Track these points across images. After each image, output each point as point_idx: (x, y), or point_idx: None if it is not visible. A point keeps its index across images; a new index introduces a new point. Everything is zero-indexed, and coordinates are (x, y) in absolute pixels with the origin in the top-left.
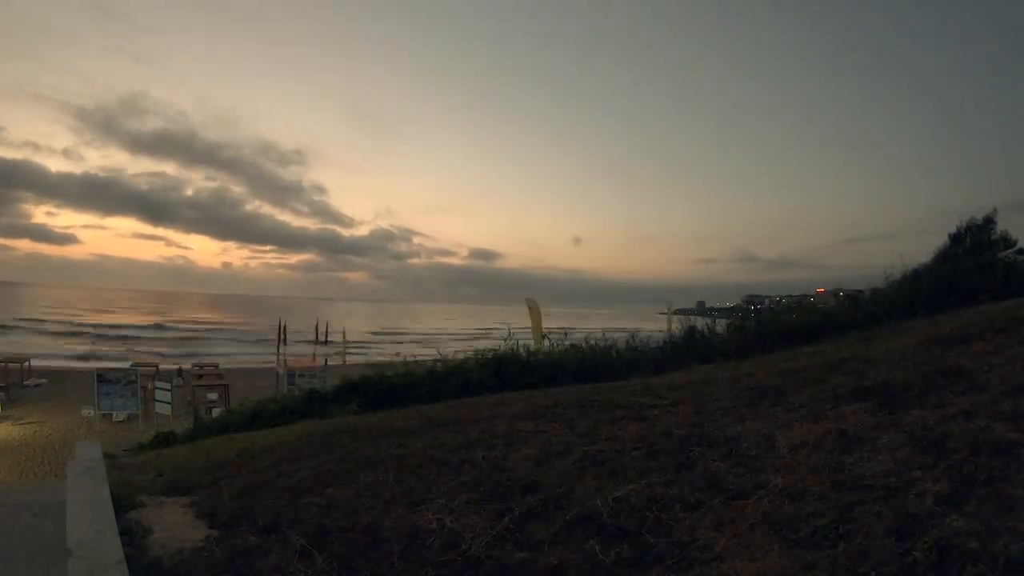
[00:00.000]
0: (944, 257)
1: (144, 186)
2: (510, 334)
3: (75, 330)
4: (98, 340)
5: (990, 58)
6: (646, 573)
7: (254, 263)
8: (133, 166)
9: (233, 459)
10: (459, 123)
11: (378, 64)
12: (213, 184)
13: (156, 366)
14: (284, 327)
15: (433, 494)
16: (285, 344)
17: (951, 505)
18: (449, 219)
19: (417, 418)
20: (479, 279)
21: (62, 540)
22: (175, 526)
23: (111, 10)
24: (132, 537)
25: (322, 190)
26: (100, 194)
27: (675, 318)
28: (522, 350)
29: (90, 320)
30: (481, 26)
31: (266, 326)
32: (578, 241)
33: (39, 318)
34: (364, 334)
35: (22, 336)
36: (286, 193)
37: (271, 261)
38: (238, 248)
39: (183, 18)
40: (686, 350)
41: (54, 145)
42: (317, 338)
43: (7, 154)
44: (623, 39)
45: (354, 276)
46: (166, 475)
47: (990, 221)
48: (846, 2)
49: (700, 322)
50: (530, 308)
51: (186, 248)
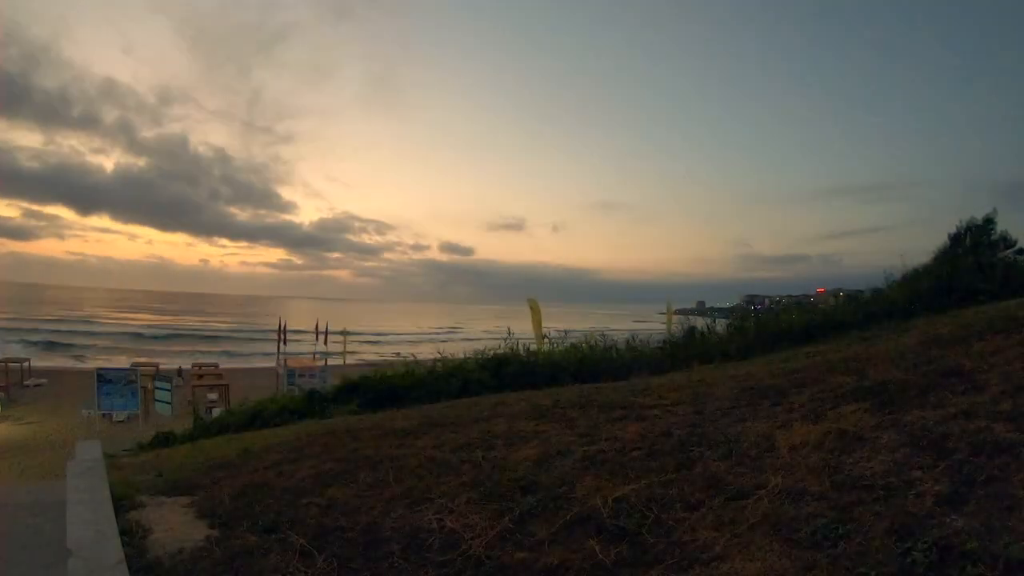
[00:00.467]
0: (944, 257)
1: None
2: (510, 334)
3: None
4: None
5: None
6: (646, 573)
7: (218, 258)
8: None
9: (233, 459)
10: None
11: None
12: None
13: (156, 366)
14: (284, 327)
15: (433, 494)
16: (286, 344)
17: (951, 505)
18: (413, 205)
19: (417, 418)
20: (471, 277)
21: (62, 540)
22: (175, 526)
23: None
24: (132, 537)
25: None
26: None
27: (675, 318)
28: (522, 350)
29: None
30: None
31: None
32: (556, 228)
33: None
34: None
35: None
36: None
37: (231, 255)
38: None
39: None
40: (686, 350)
41: None
42: (318, 338)
43: None
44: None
45: (339, 274)
46: (166, 475)
47: (990, 221)
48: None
49: (700, 322)
50: (531, 308)
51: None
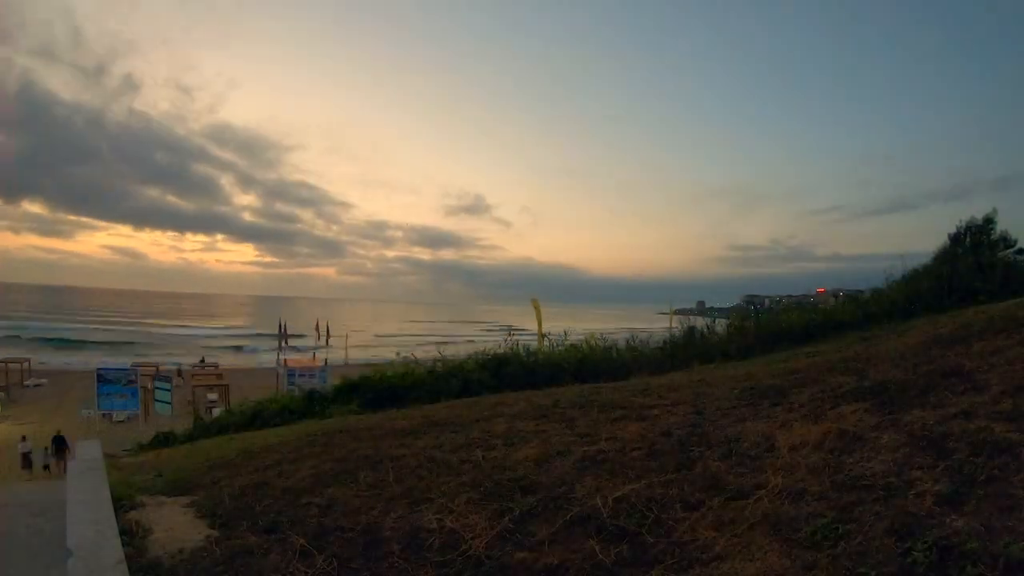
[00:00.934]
0: (944, 257)
1: None
2: (510, 334)
3: None
4: None
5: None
6: (646, 573)
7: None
8: None
9: (233, 459)
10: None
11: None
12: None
13: (156, 366)
14: (284, 327)
15: (433, 494)
16: (286, 344)
17: (951, 505)
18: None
19: (417, 418)
20: (462, 274)
21: (62, 540)
22: (175, 526)
23: None
24: (132, 537)
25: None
26: None
27: (675, 318)
28: (522, 350)
29: None
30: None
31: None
32: (525, 210)
33: None
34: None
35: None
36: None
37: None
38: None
39: None
40: (686, 350)
41: None
42: (318, 338)
43: None
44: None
45: (325, 272)
46: (166, 475)
47: (990, 221)
48: None
49: (700, 322)
50: (536, 308)
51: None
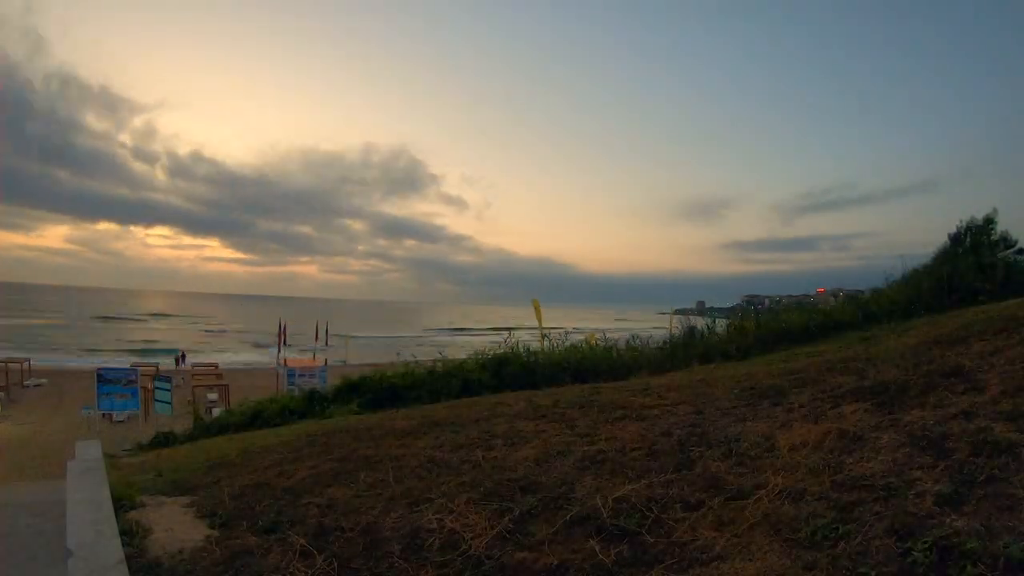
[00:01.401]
0: (944, 257)
1: None
2: (510, 334)
3: None
4: None
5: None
6: (646, 573)
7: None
8: None
9: (233, 459)
10: None
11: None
12: None
13: (156, 366)
14: (284, 328)
15: (433, 494)
16: (286, 345)
17: (951, 505)
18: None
19: (417, 418)
20: (454, 272)
21: (62, 540)
22: (175, 526)
23: None
24: (132, 537)
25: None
26: None
27: (674, 318)
28: (522, 350)
29: None
30: None
31: None
32: (469, 181)
33: None
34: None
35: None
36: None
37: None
38: None
39: None
40: (686, 350)
41: None
42: (317, 338)
43: None
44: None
45: (307, 270)
46: (166, 475)
47: (990, 221)
48: None
49: (700, 322)
50: (536, 308)
51: None
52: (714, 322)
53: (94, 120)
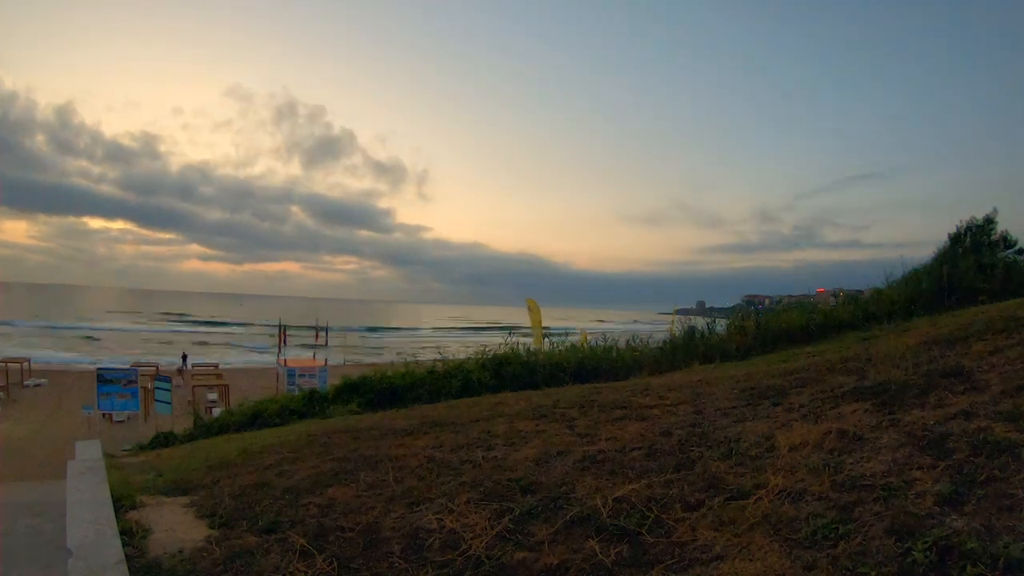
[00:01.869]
0: (944, 257)
1: None
2: (511, 334)
3: None
4: None
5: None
6: (646, 573)
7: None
8: None
9: (233, 459)
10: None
11: None
12: None
13: (156, 366)
14: (284, 328)
15: (433, 494)
16: (286, 345)
17: (951, 505)
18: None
19: (417, 418)
20: (447, 270)
21: (62, 540)
22: (175, 526)
23: None
24: (132, 537)
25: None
26: None
27: (674, 318)
28: (522, 350)
29: None
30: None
31: None
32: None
33: None
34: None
35: None
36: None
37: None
38: None
39: None
40: (686, 350)
41: None
42: (317, 338)
43: None
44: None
45: (287, 268)
46: (166, 475)
47: (990, 221)
48: None
49: (700, 322)
50: (530, 308)
51: None
52: (714, 322)
53: None
